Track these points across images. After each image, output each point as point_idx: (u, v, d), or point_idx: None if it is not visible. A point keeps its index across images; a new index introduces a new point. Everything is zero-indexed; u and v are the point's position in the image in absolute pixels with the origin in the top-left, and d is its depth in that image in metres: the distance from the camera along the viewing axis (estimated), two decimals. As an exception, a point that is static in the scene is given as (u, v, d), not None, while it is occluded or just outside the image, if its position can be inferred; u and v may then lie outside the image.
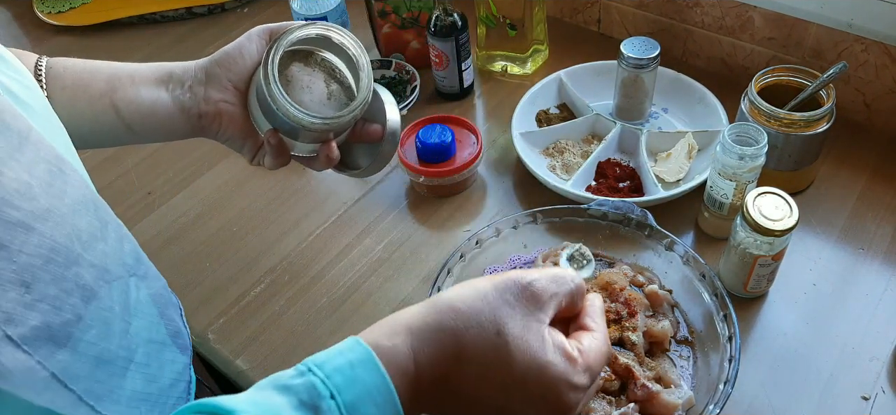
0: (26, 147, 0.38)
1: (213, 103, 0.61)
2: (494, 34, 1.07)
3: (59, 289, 0.37)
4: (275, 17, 1.29)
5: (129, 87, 0.61)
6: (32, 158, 0.38)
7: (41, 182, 0.38)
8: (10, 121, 0.38)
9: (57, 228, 0.38)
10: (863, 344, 0.71)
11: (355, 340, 0.40)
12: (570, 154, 0.93)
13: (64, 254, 0.38)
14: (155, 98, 0.61)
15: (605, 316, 0.66)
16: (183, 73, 0.62)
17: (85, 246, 0.40)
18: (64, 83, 0.60)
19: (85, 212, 0.41)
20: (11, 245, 0.34)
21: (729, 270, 0.74)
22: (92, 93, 0.60)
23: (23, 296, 0.35)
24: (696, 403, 0.64)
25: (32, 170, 0.37)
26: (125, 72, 0.62)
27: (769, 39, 0.97)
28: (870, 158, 0.89)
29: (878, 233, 0.80)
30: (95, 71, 0.61)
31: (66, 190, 0.40)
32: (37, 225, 0.36)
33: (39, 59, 0.61)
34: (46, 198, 0.38)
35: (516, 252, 0.78)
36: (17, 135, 0.38)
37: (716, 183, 0.77)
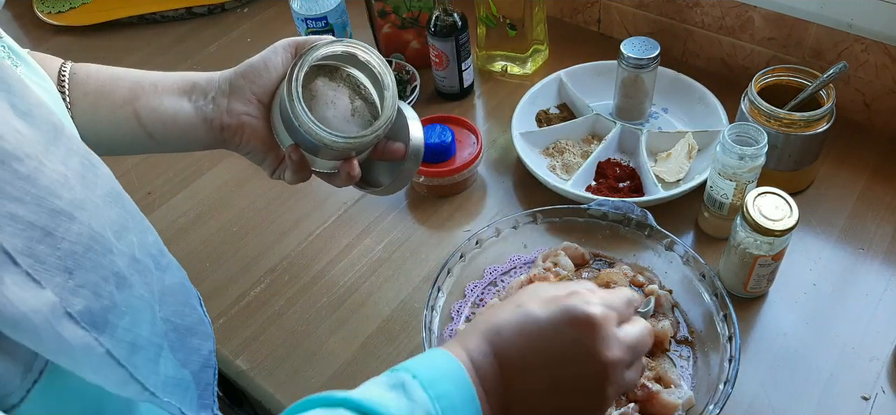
0: (61, 139, 0.39)
1: (236, 116, 0.61)
2: (494, 34, 1.07)
3: (98, 276, 0.38)
4: (275, 16, 1.29)
5: (152, 95, 0.61)
6: (67, 150, 0.39)
7: (76, 174, 0.39)
8: (45, 115, 0.38)
9: (93, 217, 0.39)
10: (863, 344, 0.71)
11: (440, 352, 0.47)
12: (570, 154, 0.93)
13: (100, 242, 0.39)
14: (177, 108, 0.61)
15: None
16: (206, 84, 0.62)
17: (117, 235, 0.41)
18: (86, 89, 0.60)
19: (114, 203, 0.42)
20: (57, 232, 0.35)
21: (729, 270, 0.74)
22: (114, 100, 0.60)
23: (67, 281, 0.36)
24: (696, 403, 0.64)
25: (68, 162, 0.38)
26: (148, 80, 0.62)
27: (769, 39, 0.97)
28: (870, 158, 0.89)
29: (878, 233, 0.80)
30: (119, 78, 0.61)
31: (97, 182, 0.41)
32: (77, 214, 0.37)
33: (64, 64, 0.61)
34: (81, 189, 0.38)
35: (516, 252, 0.78)
36: (53, 128, 0.39)
37: (716, 183, 0.77)
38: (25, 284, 0.33)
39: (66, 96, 0.60)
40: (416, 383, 0.42)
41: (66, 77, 0.60)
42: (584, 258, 0.76)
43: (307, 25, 1.05)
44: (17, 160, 0.34)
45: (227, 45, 1.24)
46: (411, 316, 0.78)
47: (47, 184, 0.36)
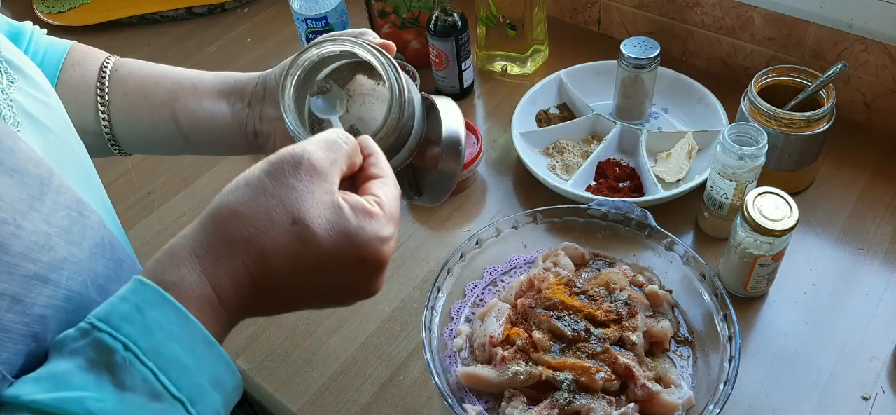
0: (47, 195, 0.37)
1: (269, 121, 0.59)
2: (494, 34, 1.07)
3: None
4: (275, 16, 1.29)
5: (191, 97, 0.60)
6: (52, 205, 0.37)
7: (60, 230, 0.37)
8: (32, 169, 0.37)
9: (73, 276, 0.37)
10: (863, 344, 0.71)
11: (138, 280, 0.37)
12: (570, 154, 0.93)
13: (76, 301, 0.37)
14: (215, 111, 0.59)
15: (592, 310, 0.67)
16: (246, 84, 0.60)
17: (100, 290, 0.40)
18: (126, 88, 0.60)
19: (101, 255, 0.41)
20: (26, 299, 0.34)
21: (729, 270, 0.74)
22: (153, 101, 0.59)
23: (29, 346, 0.35)
24: (696, 403, 0.64)
25: (51, 219, 0.37)
26: (189, 81, 0.60)
27: (769, 39, 0.97)
28: (870, 158, 0.89)
29: (878, 233, 0.80)
30: (160, 78, 0.60)
31: (85, 234, 0.40)
32: (52, 276, 0.36)
33: (108, 59, 0.61)
34: (65, 246, 0.37)
35: (516, 252, 0.78)
36: (39, 183, 0.37)
37: (716, 183, 0.77)
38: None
39: (105, 94, 0.59)
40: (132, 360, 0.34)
41: (107, 73, 0.59)
42: (584, 258, 0.76)
43: (307, 25, 1.05)
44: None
45: (227, 45, 1.24)
46: (411, 316, 0.78)
47: (22, 249, 0.34)
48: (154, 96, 0.60)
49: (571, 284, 0.70)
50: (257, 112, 0.59)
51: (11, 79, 0.45)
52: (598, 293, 0.69)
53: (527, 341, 0.65)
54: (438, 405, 0.70)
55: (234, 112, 0.60)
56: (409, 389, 0.72)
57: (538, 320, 0.67)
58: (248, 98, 0.60)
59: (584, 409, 0.61)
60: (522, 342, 0.65)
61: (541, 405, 0.62)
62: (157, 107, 0.59)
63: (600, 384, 0.62)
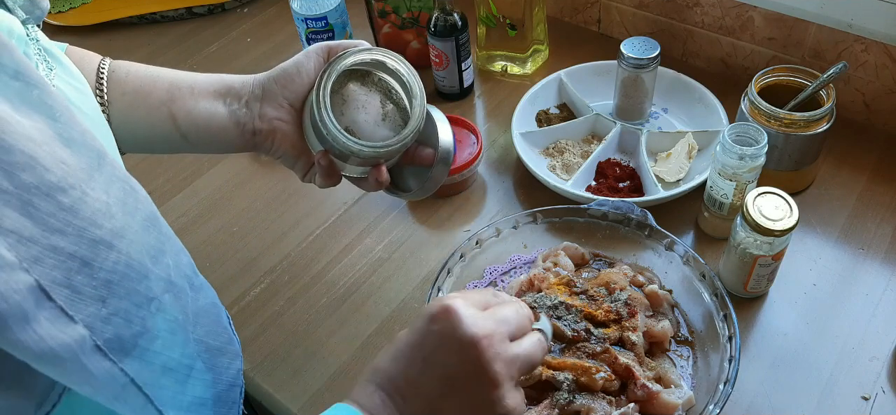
0: (104, 167, 0.39)
1: (268, 120, 0.61)
2: (494, 34, 1.07)
3: (131, 303, 0.39)
4: (275, 16, 1.29)
5: (189, 98, 0.61)
6: (109, 176, 0.39)
7: (117, 200, 0.39)
8: (89, 142, 0.39)
9: (132, 244, 0.39)
10: (863, 344, 0.71)
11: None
12: (570, 154, 0.93)
13: (137, 269, 0.39)
14: (212, 111, 0.61)
15: (592, 310, 0.67)
16: (241, 88, 0.62)
17: (154, 260, 0.42)
18: (125, 89, 0.61)
19: (152, 227, 0.43)
20: (94, 262, 0.36)
21: (729, 270, 0.74)
22: (151, 101, 0.60)
23: (100, 310, 0.36)
24: (696, 403, 0.64)
25: (109, 189, 0.39)
26: (186, 82, 0.62)
27: (769, 39, 0.97)
28: (870, 158, 0.89)
29: (878, 233, 0.80)
30: (157, 78, 0.62)
31: (137, 207, 0.42)
32: (115, 242, 0.38)
33: (103, 60, 0.62)
34: (122, 216, 0.39)
35: (516, 252, 0.78)
36: (96, 155, 0.39)
37: (716, 183, 0.77)
38: (57, 319, 0.34)
39: (104, 95, 0.60)
40: None
41: (104, 75, 0.61)
42: (584, 258, 0.76)
43: (307, 25, 1.05)
44: (62, 192, 0.35)
45: (227, 45, 1.24)
46: (411, 316, 0.78)
47: (89, 214, 0.36)
48: (152, 96, 0.61)
49: (571, 284, 0.70)
50: (255, 111, 0.61)
51: (50, 66, 0.46)
52: (598, 293, 0.69)
53: (527, 341, 0.65)
54: (438, 405, 0.70)
55: (230, 112, 0.61)
56: (409, 389, 0.72)
57: (538, 319, 0.67)
58: (244, 99, 0.61)
59: (584, 409, 0.61)
60: (522, 342, 0.65)
61: (541, 405, 0.62)
62: (155, 107, 0.61)
63: (600, 384, 0.62)
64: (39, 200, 0.33)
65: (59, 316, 0.34)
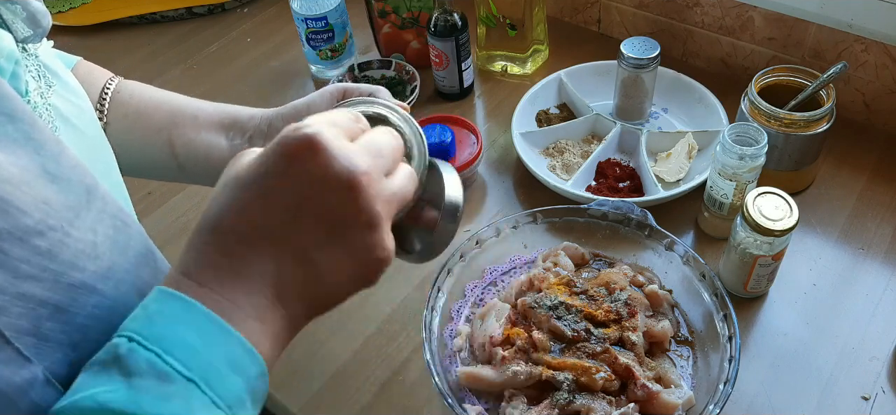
0: (93, 203, 0.37)
1: None
2: (494, 34, 1.07)
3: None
4: (275, 16, 1.29)
5: (190, 127, 0.59)
6: (98, 214, 0.37)
7: (106, 238, 0.37)
8: (78, 177, 0.37)
9: (119, 286, 0.37)
10: (863, 344, 0.71)
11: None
12: (570, 154, 0.93)
13: (121, 311, 0.37)
14: (212, 144, 0.59)
15: (592, 310, 0.67)
16: (247, 121, 0.60)
17: (143, 298, 0.40)
18: (126, 111, 0.59)
19: (145, 264, 0.40)
20: (71, 308, 0.34)
21: (729, 270, 0.74)
22: (150, 125, 0.59)
23: (68, 355, 0.34)
24: (696, 403, 0.64)
25: (97, 227, 0.37)
26: (190, 110, 0.60)
27: (769, 39, 0.97)
28: (870, 158, 0.89)
29: (878, 233, 0.80)
30: (160, 103, 0.60)
31: (129, 244, 0.39)
32: (99, 285, 0.36)
33: (111, 79, 0.60)
34: (110, 255, 0.37)
35: (516, 252, 0.78)
36: (85, 191, 0.37)
37: (716, 183, 0.77)
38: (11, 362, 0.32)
39: (105, 114, 0.59)
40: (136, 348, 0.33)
41: (108, 94, 0.59)
42: (584, 258, 0.76)
43: (307, 25, 1.05)
44: (39, 235, 0.33)
45: (227, 45, 1.24)
46: (411, 316, 0.78)
47: (69, 257, 0.34)
48: (153, 121, 0.59)
49: (571, 284, 0.70)
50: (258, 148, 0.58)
51: (49, 83, 0.45)
52: (598, 293, 0.69)
53: (527, 341, 0.65)
54: (438, 405, 0.70)
55: (231, 147, 0.59)
56: (409, 389, 0.72)
57: (538, 319, 0.67)
58: (248, 134, 0.59)
59: (584, 409, 0.61)
60: (522, 342, 0.65)
61: (541, 405, 0.62)
62: (154, 132, 0.59)
63: (600, 384, 0.62)
64: (10, 245, 0.31)
65: (15, 358, 0.32)
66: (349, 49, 1.11)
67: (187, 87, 1.15)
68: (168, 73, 1.18)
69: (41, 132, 0.36)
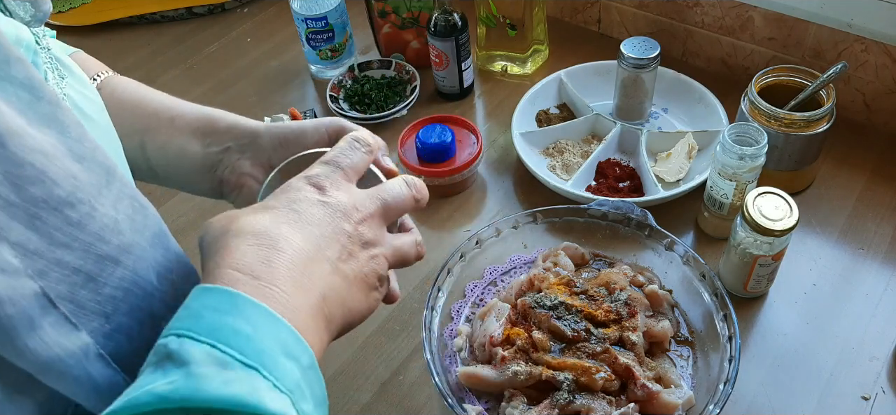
0: (114, 183, 0.39)
1: (238, 175, 0.57)
2: (494, 34, 1.07)
3: (134, 320, 0.38)
4: (275, 16, 1.29)
5: (165, 130, 0.58)
6: (118, 193, 0.39)
7: (126, 217, 0.39)
8: (99, 158, 0.38)
9: (139, 261, 0.39)
10: (863, 344, 0.71)
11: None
12: (570, 154, 0.93)
13: (142, 287, 0.39)
14: (184, 149, 0.58)
15: (592, 310, 0.67)
16: (225, 131, 0.58)
17: (160, 279, 0.41)
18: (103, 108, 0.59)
19: (159, 245, 0.42)
20: (100, 278, 0.36)
21: (729, 270, 0.74)
22: (124, 127, 0.57)
23: (103, 325, 0.36)
24: (696, 403, 0.64)
25: (118, 205, 0.38)
26: (168, 112, 0.59)
27: (769, 39, 0.97)
28: (870, 158, 0.89)
29: (878, 233, 0.80)
30: (140, 104, 0.59)
31: (146, 224, 0.41)
32: (122, 258, 0.37)
33: (99, 73, 0.60)
34: (130, 233, 0.39)
35: (516, 252, 0.78)
36: (106, 171, 0.38)
37: (716, 183, 0.77)
38: (62, 326, 0.34)
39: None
40: (187, 342, 0.33)
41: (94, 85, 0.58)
42: (584, 258, 0.76)
43: (307, 25, 1.05)
44: (70, 207, 0.34)
45: (226, 45, 1.24)
46: (411, 316, 0.78)
47: (97, 229, 0.36)
48: (126, 124, 0.58)
49: (571, 284, 0.70)
50: (230, 161, 0.57)
51: (62, 75, 0.46)
52: (598, 293, 0.69)
53: (527, 341, 0.65)
54: (438, 405, 0.70)
55: (205, 155, 0.58)
56: (409, 389, 0.72)
57: (538, 319, 0.67)
58: (226, 144, 0.58)
59: (584, 409, 0.61)
60: (522, 342, 0.65)
61: (541, 405, 0.62)
62: (125, 134, 0.57)
63: (600, 384, 0.62)
64: (47, 214, 0.33)
65: (64, 323, 0.34)
66: (349, 49, 1.11)
67: (187, 87, 1.15)
68: (168, 74, 1.18)
69: (65, 114, 0.37)
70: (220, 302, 0.35)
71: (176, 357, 0.32)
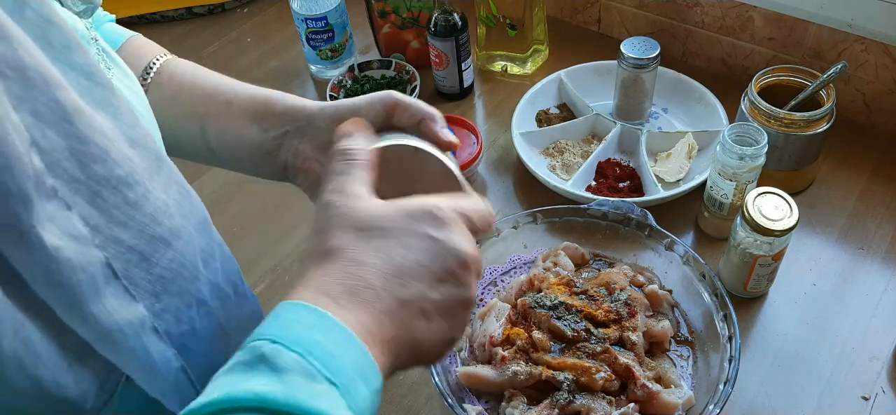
0: (162, 169, 0.41)
1: (303, 158, 0.56)
2: (494, 34, 1.07)
3: (182, 301, 0.40)
4: (275, 17, 1.29)
5: (224, 113, 0.58)
6: (167, 179, 0.41)
7: (175, 202, 0.40)
8: (150, 144, 0.40)
9: (186, 245, 0.40)
10: (863, 344, 0.71)
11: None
12: (570, 154, 0.93)
13: (189, 269, 0.40)
14: (243, 133, 0.57)
15: (592, 310, 0.67)
16: (282, 114, 0.57)
17: (205, 264, 0.43)
18: (162, 93, 0.58)
19: (204, 232, 0.44)
20: (152, 257, 0.38)
21: (729, 270, 0.74)
22: (184, 110, 0.58)
23: (154, 304, 0.38)
24: (696, 403, 0.64)
25: (168, 190, 0.40)
26: (225, 95, 0.58)
27: (769, 39, 0.97)
28: (870, 158, 0.89)
29: (878, 233, 0.80)
30: (198, 87, 0.59)
31: (192, 211, 0.43)
32: (173, 241, 0.39)
33: (158, 56, 0.60)
34: (179, 217, 0.40)
35: (516, 252, 0.78)
36: (156, 157, 0.40)
37: (716, 183, 0.77)
38: (122, 296, 0.35)
39: (144, 94, 0.59)
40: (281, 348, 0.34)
41: (151, 72, 0.59)
42: (584, 258, 0.76)
43: (307, 25, 1.05)
44: (128, 187, 0.36)
45: (226, 45, 1.24)
46: (411, 316, 0.78)
47: (151, 211, 0.38)
48: (186, 106, 0.58)
49: (571, 284, 0.70)
50: (292, 146, 0.56)
51: (108, 66, 0.47)
52: (598, 293, 0.69)
53: (527, 341, 0.65)
54: (438, 405, 0.70)
55: (263, 140, 0.57)
56: (410, 389, 0.72)
57: (538, 319, 0.67)
58: (284, 127, 0.56)
59: (584, 409, 0.61)
60: (522, 342, 0.65)
61: (541, 405, 0.62)
62: (185, 118, 0.58)
63: (600, 384, 0.62)
64: (108, 192, 0.35)
65: (124, 294, 0.36)
66: (349, 49, 1.11)
67: (187, 87, 1.15)
68: (168, 73, 1.18)
69: (119, 101, 0.39)
70: (308, 318, 0.36)
71: (270, 361, 0.33)
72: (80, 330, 0.34)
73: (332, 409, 0.32)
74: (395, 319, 0.38)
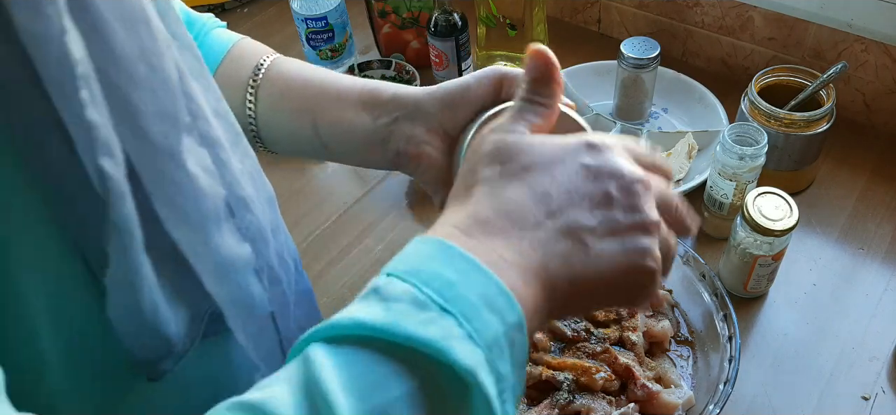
0: (240, 142, 0.45)
1: (416, 144, 0.54)
2: (494, 34, 1.07)
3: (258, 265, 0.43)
4: (275, 17, 1.29)
5: (334, 106, 0.58)
6: (244, 152, 0.45)
7: (249, 174, 0.44)
8: (231, 119, 0.44)
9: (262, 215, 0.44)
10: (863, 344, 0.71)
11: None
12: (570, 154, 0.93)
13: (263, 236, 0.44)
14: (355, 122, 0.57)
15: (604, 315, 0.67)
16: (389, 100, 0.56)
17: (274, 235, 0.46)
18: (272, 90, 0.59)
19: (271, 207, 0.48)
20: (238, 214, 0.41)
21: (729, 270, 0.74)
22: (294, 106, 0.58)
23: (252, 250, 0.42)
24: (696, 403, 0.64)
25: (244, 162, 0.44)
26: (334, 88, 0.58)
27: (769, 39, 0.97)
28: (870, 158, 0.89)
29: (878, 233, 0.80)
30: (307, 83, 0.59)
31: (263, 186, 0.47)
32: (251, 204, 0.43)
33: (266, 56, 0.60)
34: (252, 188, 0.44)
35: (516, 252, 0.78)
36: (235, 131, 0.44)
37: (716, 183, 0.77)
38: (234, 234, 0.40)
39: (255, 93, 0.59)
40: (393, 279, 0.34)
41: (261, 72, 0.59)
42: (584, 258, 0.76)
43: (307, 25, 1.05)
44: (219, 146, 0.40)
45: (227, 45, 1.24)
46: (411, 316, 0.78)
47: (236, 173, 0.41)
48: (296, 102, 0.58)
49: (571, 284, 0.70)
50: (404, 132, 0.55)
51: None
52: (598, 293, 0.69)
53: (527, 341, 0.65)
54: (438, 405, 0.70)
55: (375, 128, 0.56)
56: (409, 389, 0.72)
57: (538, 320, 0.67)
58: (394, 114, 0.56)
59: (584, 409, 0.61)
60: (522, 342, 0.65)
61: (541, 405, 0.62)
62: (296, 113, 0.58)
63: (600, 384, 0.62)
64: (206, 148, 0.38)
65: (236, 232, 0.40)
66: (349, 49, 1.11)
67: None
68: (168, 73, 1.18)
69: (207, 73, 0.43)
70: (429, 249, 0.35)
71: (380, 292, 0.33)
72: (200, 261, 0.36)
73: (442, 338, 0.31)
74: (538, 247, 0.36)
